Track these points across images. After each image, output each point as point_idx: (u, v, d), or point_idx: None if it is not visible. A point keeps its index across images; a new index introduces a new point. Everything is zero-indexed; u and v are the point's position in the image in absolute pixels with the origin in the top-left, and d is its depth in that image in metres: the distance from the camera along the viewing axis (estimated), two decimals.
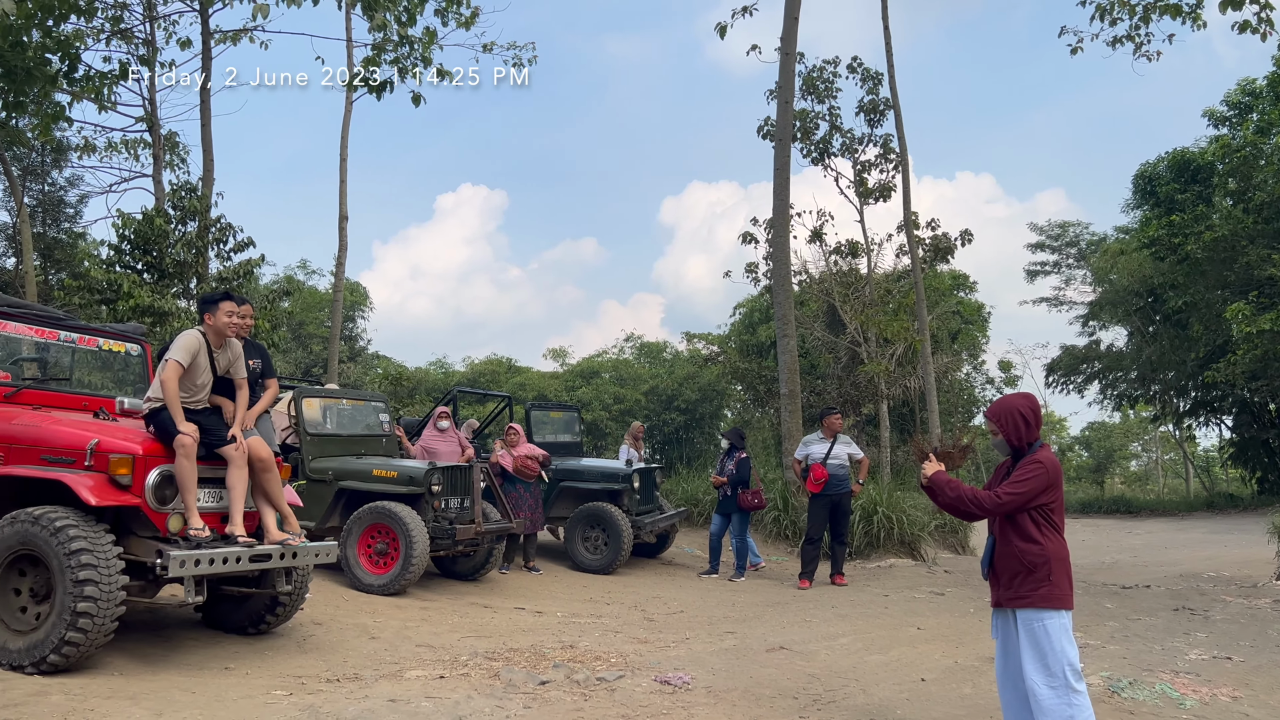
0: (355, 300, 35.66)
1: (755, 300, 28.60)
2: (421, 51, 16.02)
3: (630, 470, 11.46)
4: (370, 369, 33.39)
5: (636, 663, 6.45)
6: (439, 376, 37.25)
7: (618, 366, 37.32)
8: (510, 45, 18.40)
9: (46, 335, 6.27)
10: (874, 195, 20.65)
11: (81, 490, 5.10)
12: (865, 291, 20.41)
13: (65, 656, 4.96)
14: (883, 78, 20.32)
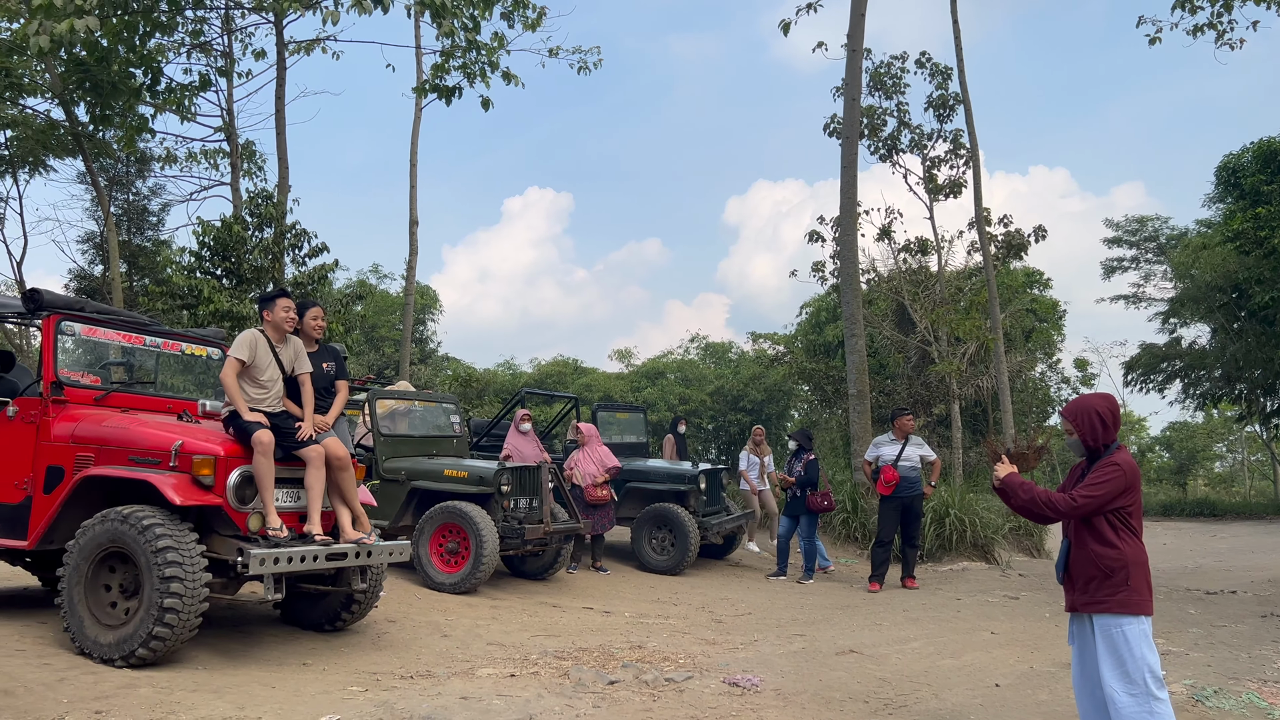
0: (425, 303, 36.24)
1: (822, 299, 28.32)
2: (489, 56, 16.24)
3: (696, 471, 11.45)
4: (440, 371, 33.90)
5: (705, 664, 6.45)
6: (507, 378, 37.63)
7: (683, 367, 37.27)
8: (575, 49, 18.58)
9: (133, 340, 6.50)
10: (944, 191, 20.32)
11: (167, 490, 5.28)
12: (936, 289, 20.09)
13: (153, 651, 5.13)
14: (952, 72, 20.00)
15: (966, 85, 18.27)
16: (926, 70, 20.42)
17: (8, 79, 14.75)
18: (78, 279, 19.28)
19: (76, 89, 14.34)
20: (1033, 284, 28.36)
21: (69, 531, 5.51)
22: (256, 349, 5.89)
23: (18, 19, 14.45)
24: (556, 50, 18.24)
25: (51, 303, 5.92)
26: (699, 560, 11.50)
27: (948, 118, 20.30)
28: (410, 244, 19.52)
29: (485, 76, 16.70)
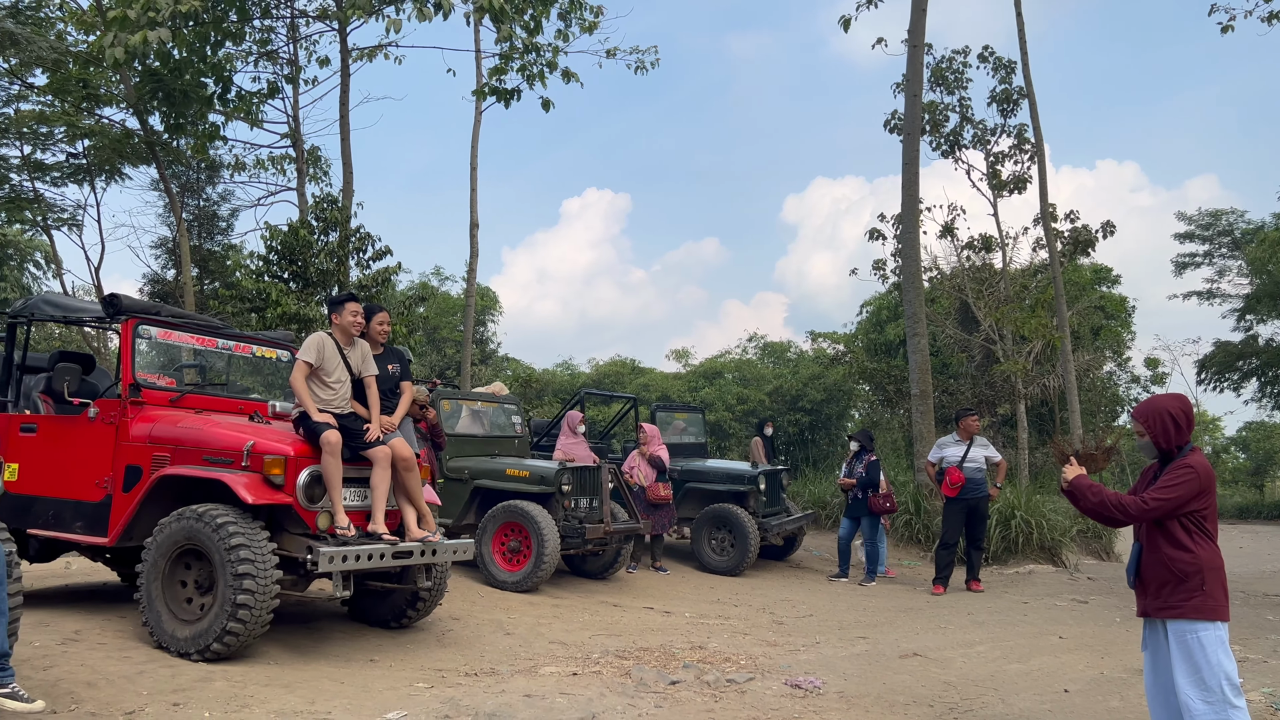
0: (485, 305, 36.61)
1: (883, 298, 28.00)
2: (549, 58, 16.36)
3: (756, 472, 11.41)
4: (500, 371, 34.23)
5: (766, 665, 6.43)
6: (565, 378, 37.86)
7: (741, 367, 37.12)
8: (633, 49, 18.62)
9: (206, 343, 6.69)
10: (1008, 187, 19.97)
11: (239, 489, 5.42)
12: (1000, 287, 19.74)
13: (227, 645, 5.28)
14: (1016, 66, 19.65)
15: (1030, 78, 17.91)
16: (989, 64, 20.09)
17: (85, 90, 15.24)
18: (151, 283, 19.87)
19: (150, 99, 14.77)
20: (1101, 281, 27.72)
21: (147, 529, 5.69)
22: (324, 352, 6.02)
23: (94, 31, 14.97)
24: (614, 51, 18.28)
25: (129, 307, 6.11)
26: (759, 561, 11.45)
27: (1011, 112, 19.95)
28: (471, 246, 19.74)
29: (544, 78, 16.86)
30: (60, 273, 19.60)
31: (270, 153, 19.23)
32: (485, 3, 13.27)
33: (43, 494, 6.09)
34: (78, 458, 6.04)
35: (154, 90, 14.64)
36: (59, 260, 19.69)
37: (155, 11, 12.11)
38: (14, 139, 15.71)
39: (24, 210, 17.05)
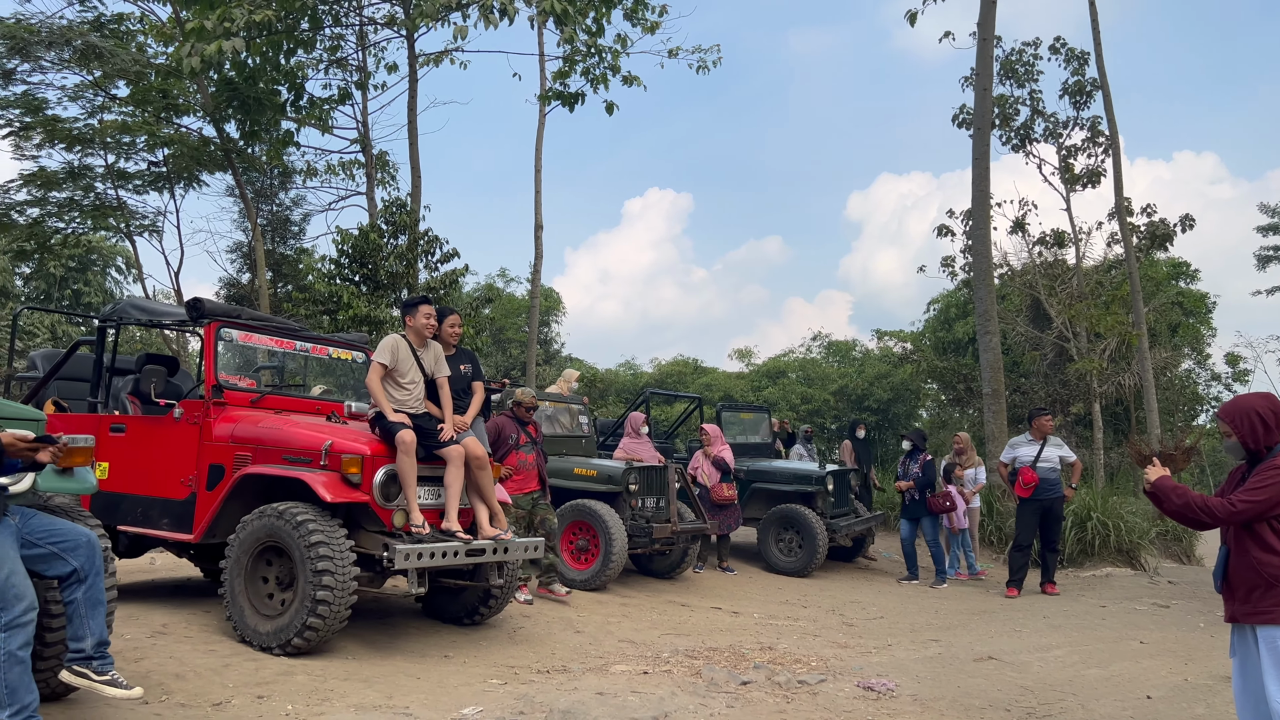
0: (549, 305, 36.90)
1: (951, 295, 27.55)
2: (611, 60, 16.43)
3: (823, 472, 11.32)
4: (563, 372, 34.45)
5: (837, 667, 6.38)
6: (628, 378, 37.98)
7: (805, 366, 36.85)
8: (695, 49, 18.62)
9: (285, 345, 6.86)
10: (1081, 181, 19.53)
11: (318, 488, 5.55)
12: (1073, 284, 19.30)
13: (307, 640, 5.41)
14: (1089, 56, 19.21)
15: (1104, 69, 17.48)
16: (1061, 56, 19.67)
17: (164, 100, 15.72)
18: (228, 286, 20.41)
19: (226, 107, 15.18)
20: (1179, 276, 26.93)
21: (229, 526, 5.86)
22: (399, 353, 6.13)
23: (172, 42, 15.43)
24: (676, 51, 18.32)
25: (212, 311, 6.30)
26: (827, 562, 11.36)
27: (1085, 104, 19.50)
28: (535, 248, 19.94)
29: (606, 81, 16.95)
30: (141, 277, 20.26)
31: (340, 158, 19.69)
32: (549, 5, 13.38)
33: (131, 492, 6.30)
34: (164, 457, 6.24)
35: (229, 99, 15.05)
36: (140, 265, 20.29)
37: (230, 22, 12.46)
38: (98, 149, 16.26)
39: (108, 218, 17.63)
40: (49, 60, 14.61)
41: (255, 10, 12.74)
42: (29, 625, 3.46)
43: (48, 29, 14.37)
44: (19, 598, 3.45)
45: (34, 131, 15.61)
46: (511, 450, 8.23)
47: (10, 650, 3.40)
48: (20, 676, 3.43)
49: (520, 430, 8.38)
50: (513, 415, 8.49)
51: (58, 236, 17.82)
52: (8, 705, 3.41)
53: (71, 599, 3.77)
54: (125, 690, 3.80)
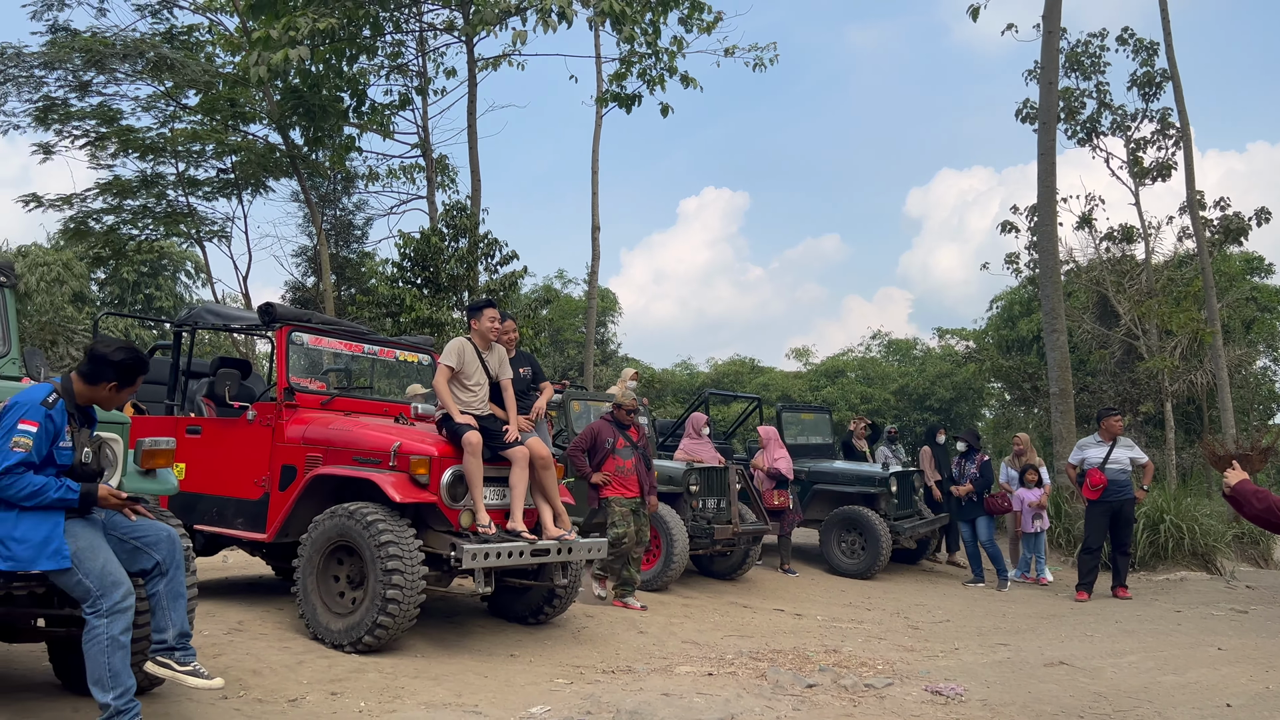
0: (606, 306, 37.04)
1: (1015, 292, 27.06)
2: (668, 61, 16.44)
3: (886, 474, 11.20)
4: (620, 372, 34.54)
5: (904, 671, 6.31)
6: (684, 378, 37.94)
7: (864, 365, 36.47)
8: (751, 47, 18.55)
9: (353, 348, 6.99)
10: (1151, 175, 19.06)
11: (388, 488, 5.64)
12: (1142, 280, 18.83)
13: (377, 638, 5.50)
14: (1158, 47, 18.72)
15: (1174, 59, 17.02)
16: (1129, 47, 19.22)
17: (232, 109, 16.12)
18: (293, 290, 20.83)
19: (291, 114, 15.52)
20: (1254, 271, 26.12)
21: (301, 525, 5.98)
22: (464, 356, 6.22)
23: (239, 52, 15.82)
24: (732, 50, 18.23)
25: (283, 315, 6.44)
26: (891, 564, 11.23)
27: (1154, 96, 19.03)
28: (592, 249, 20.03)
29: (663, 82, 16.97)
30: (211, 282, 20.72)
31: (401, 162, 19.96)
32: (607, 5, 13.44)
33: (207, 492, 6.47)
34: (238, 458, 6.39)
35: (294, 106, 15.38)
36: (210, 270, 20.85)
37: (295, 30, 12.73)
38: (170, 157, 16.74)
39: (179, 224, 18.14)
40: (123, 72, 15.07)
41: (319, 19, 13.00)
42: (128, 611, 3.59)
43: (122, 42, 14.83)
44: (116, 584, 3.58)
45: (109, 141, 16.13)
46: (609, 455, 8.04)
47: (113, 635, 3.53)
48: (122, 661, 3.56)
49: (619, 434, 8.13)
50: (611, 418, 8.28)
51: (132, 243, 18.37)
52: (111, 688, 3.53)
53: (154, 592, 3.89)
54: (206, 680, 3.90)
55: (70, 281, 24.43)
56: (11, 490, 3.50)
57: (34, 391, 3.65)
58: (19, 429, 3.52)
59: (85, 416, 3.85)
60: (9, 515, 3.54)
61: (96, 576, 3.57)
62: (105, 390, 3.78)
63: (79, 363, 3.80)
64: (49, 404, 3.63)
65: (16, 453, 3.50)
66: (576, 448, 8.10)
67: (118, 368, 3.78)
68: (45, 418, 3.59)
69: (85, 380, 3.78)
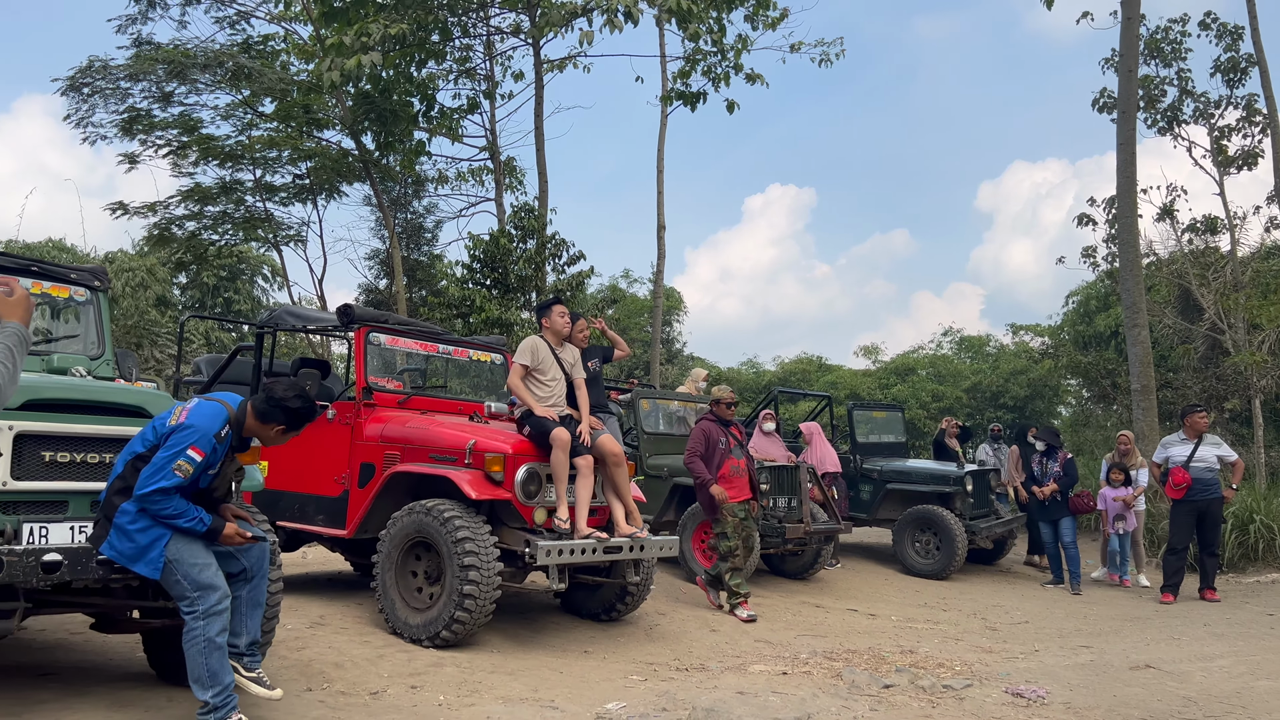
0: (671, 305, 37.01)
1: (1091, 286, 26.32)
2: (734, 59, 16.38)
3: (962, 472, 11.01)
4: (686, 370, 34.51)
5: (983, 672, 6.20)
6: (750, 376, 37.69)
7: (935, 362, 35.78)
8: (818, 42, 18.38)
9: (428, 348, 7.11)
10: (1236, 163, 18.42)
11: (464, 485, 5.72)
12: (1227, 272, 18.18)
13: (455, 633, 5.58)
14: (1243, 31, 18.06)
15: (1260, 43, 16.43)
16: (1212, 32, 18.56)
17: (307, 115, 16.50)
18: (366, 292, 21.23)
19: (363, 119, 15.83)
20: None
21: (380, 522, 6.09)
22: (539, 354, 6.28)
23: (313, 59, 16.19)
24: (799, 45, 18.08)
25: (361, 316, 6.57)
26: (966, 565, 11.03)
27: (1239, 82, 18.36)
28: (658, 248, 20.01)
29: (728, 79, 16.91)
30: (288, 285, 21.23)
31: (470, 165, 20.22)
32: (673, 3, 13.44)
33: (289, 489, 6.64)
34: (318, 456, 6.54)
35: (366, 111, 15.68)
36: (286, 273, 21.33)
37: (367, 36, 12.99)
38: (248, 164, 17.20)
39: (257, 229, 18.63)
40: (203, 82, 15.54)
41: (390, 24, 13.24)
42: (224, 613, 3.71)
43: (202, 53, 15.30)
44: (213, 588, 3.70)
45: (190, 149, 16.64)
46: (726, 456, 7.76)
47: (209, 636, 3.65)
48: (220, 660, 3.68)
49: (726, 433, 7.88)
50: (714, 417, 7.97)
51: (212, 248, 18.93)
52: (210, 686, 3.66)
53: (235, 596, 4.00)
54: (268, 690, 4.02)
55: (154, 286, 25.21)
56: (155, 507, 3.62)
57: (210, 421, 3.73)
58: (187, 454, 3.63)
59: (242, 445, 3.97)
60: (129, 511, 3.67)
61: (194, 579, 3.68)
62: (273, 431, 3.90)
63: (256, 401, 3.90)
64: (220, 438, 3.74)
65: (176, 476, 3.61)
66: (693, 454, 7.72)
67: (289, 414, 3.89)
68: (212, 450, 3.72)
69: (257, 418, 3.88)
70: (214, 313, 26.39)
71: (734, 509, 7.63)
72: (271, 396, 3.88)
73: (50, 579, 3.61)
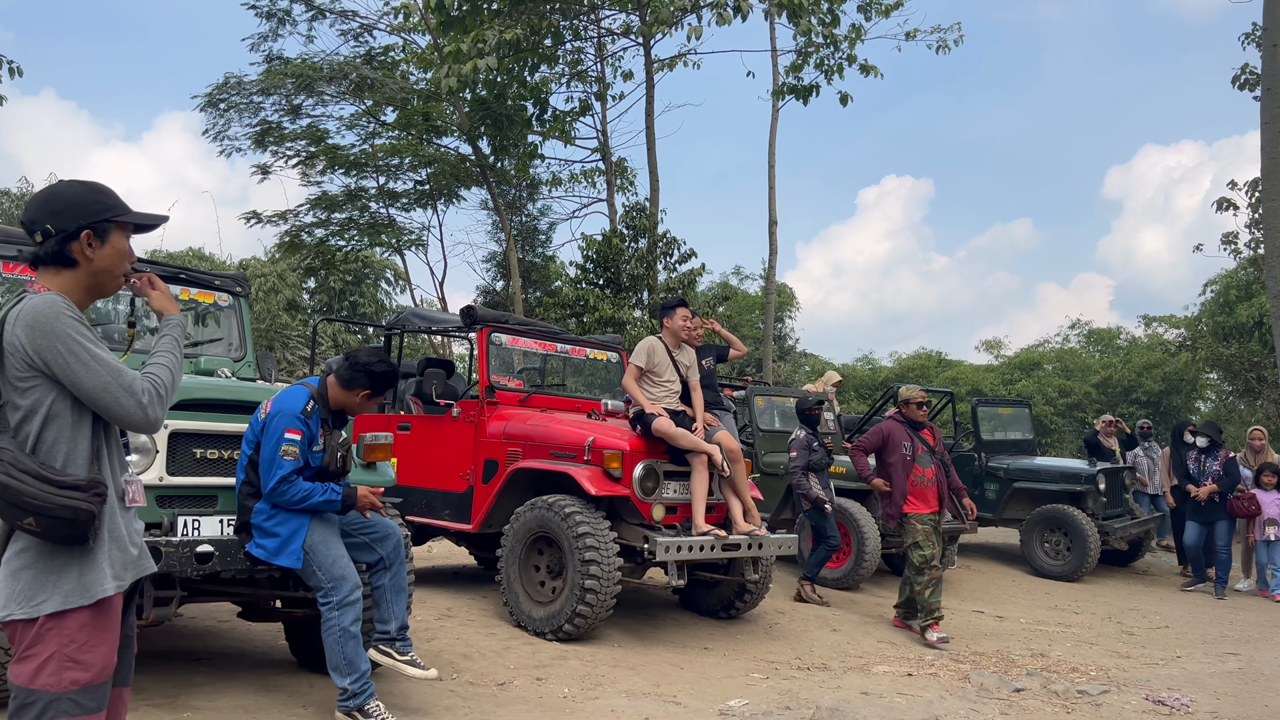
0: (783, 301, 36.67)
1: (1232, 275, 24.91)
2: (847, 50, 16.12)
3: (1094, 470, 10.56)
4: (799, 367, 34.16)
5: (1120, 678, 5.95)
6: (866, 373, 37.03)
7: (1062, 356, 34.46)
8: (935, 29, 17.88)
9: (547, 348, 7.24)
10: None
11: (583, 481, 5.80)
12: None
13: (577, 627, 5.67)
14: None
15: None
16: None
17: (426, 123, 17.02)
18: (484, 293, 21.76)
19: (479, 125, 16.22)
20: None
21: (503, 517, 6.24)
22: (655, 355, 6.31)
23: (431, 68, 16.67)
24: (914, 33, 17.64)
25: (483, 317, 6.74)
26: (1099, 566, 10.57)
27: None
28: (770, 244, 19.80)
29: (841, 71, 16.63)
30: (410, 288, 21.96)
31: (582, 167, 20.47)
32: None
33: (416, 485, 6.86)
34: (444, 453, 6.74)
35: (482, 117, 16.07)
36: (409, 277, 22.08)
37: (483, 42, 13.30)
38: (371, 172, 17.85)
39: (381, 234, 19.31)
40: (329, 94, 16.18)
41: (505, 30, 13.53)
42: (357, 604, 3.87)
43: (328, 65, 15.93)
44: (345, 579, 3.86)
45: (317, 159, 17.36)
46: (912, 464, 6.90)
47: (344, 626, 3.81)
48: (355, 649, 3.84)
49: (913, 437, 7.02)
50: (901, 418, 7.15)
51: (339, 254, 19.70)
52: (347, 673, 3.82)
53: (379, 584, 4.17)
54: (422, 671, 4.16)
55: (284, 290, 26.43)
56: (285, 497, 3.82)
57: (293, 401, 3.91)
58: (286, 438, 3.81)
59: (338, 419, 4.12)
60: (264, 509, 3.87)
61: (328, 571, 3.84)
62: (358, 397, 4.04)
63: (338, 368, 4.06)
64: (307, 413, 3.90)
65: (288, 461, 3.80)
66: (860, 447, 7.23)
67: (373, 377, 4.03)
68: (305, 426, 3.88)
69: (341, 385, 4.03)
70: (341, 315, 27.46)
71: (919, 519, 6.81)
72: (355, 363, 4.01)
73: (203, 569, 3.82)
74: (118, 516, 2.21)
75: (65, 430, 2.13)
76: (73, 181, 2.25)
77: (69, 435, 2.13)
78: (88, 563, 2.12)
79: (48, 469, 2.07)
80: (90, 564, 2.12)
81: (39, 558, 2.09)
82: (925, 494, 6.92)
